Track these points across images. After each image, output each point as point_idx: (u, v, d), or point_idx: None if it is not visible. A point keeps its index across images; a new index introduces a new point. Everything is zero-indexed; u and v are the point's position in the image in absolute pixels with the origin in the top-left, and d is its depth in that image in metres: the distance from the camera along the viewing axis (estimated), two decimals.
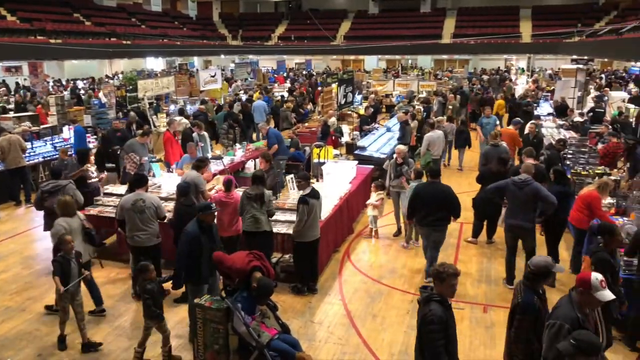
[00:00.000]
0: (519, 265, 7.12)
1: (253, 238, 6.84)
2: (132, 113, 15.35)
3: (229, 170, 10.31)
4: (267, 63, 41.04)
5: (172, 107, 18.11)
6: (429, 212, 7.21)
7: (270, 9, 50.38)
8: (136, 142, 10.27)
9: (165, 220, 7.02)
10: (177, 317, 6.35)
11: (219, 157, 10.76)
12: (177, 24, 43.14)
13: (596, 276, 3.78)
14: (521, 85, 25.38)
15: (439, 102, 18.65)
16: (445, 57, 41.82)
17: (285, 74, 35.19)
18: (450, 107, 17.68)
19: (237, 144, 12.53)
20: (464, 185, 11.49)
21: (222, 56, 42.84)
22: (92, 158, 10.05)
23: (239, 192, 7.48)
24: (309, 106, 20.58)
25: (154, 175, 9.50)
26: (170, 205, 7.61)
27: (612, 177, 8.65)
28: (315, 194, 6.96)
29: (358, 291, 7.17)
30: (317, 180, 9.96)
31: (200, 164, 7.92)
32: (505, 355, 4.44)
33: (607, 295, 3.75)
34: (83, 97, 20.97)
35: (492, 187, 7.33)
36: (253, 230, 6.84)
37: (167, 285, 5.74)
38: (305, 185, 7.02)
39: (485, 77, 28.83)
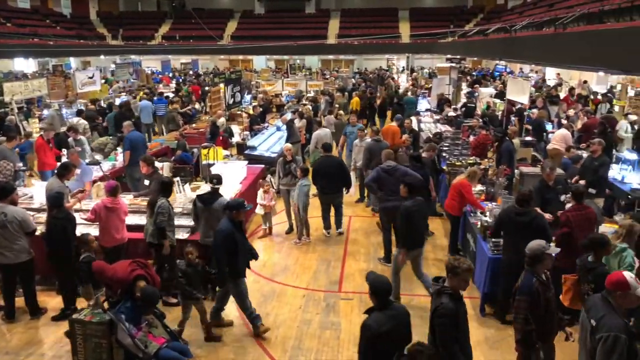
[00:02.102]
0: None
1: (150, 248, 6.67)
2: (10, 117, 14.06)
3: (111, 176, 9.76)
4: (151, 63, 39.41)
5: (45, 112, 16.78)
6: (329, 181, 8.61)
7: (152, 7, 48.38)
8: (5, 148, 9.42)
9: (38, 233, 6.49)
10: (54, 337, 5.90)
11: (97, 163, 10.15)
12: (49, 22, 39.90)
13: (629, 274, 3.74)
14: (403, 84, 26.77)
15: (327, 100, 19.11)
16: (331, 57, 42.84)
17: (171, 74, 34.10)
18: (337, 105, 18.19)
19: (118, 148, 11.89)
20: None
21: (102, 57, 40.39)
22: None
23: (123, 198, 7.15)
24: (197, 106, 20.11)
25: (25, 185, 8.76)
26: (44, 217, 7.04)
27: (482, 166, 9.41)
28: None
29: (251, 291, 7.05)
30: (206, 182, 9.77)
31: (64, 172, 7.25)
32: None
33: None
34: None
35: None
36: (147, 240, 6.62)
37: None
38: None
39: (369, 76, 30.05)
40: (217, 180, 6.96)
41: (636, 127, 12.05)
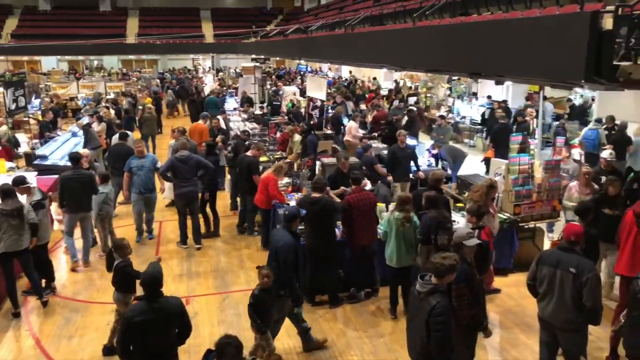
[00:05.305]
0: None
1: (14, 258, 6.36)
2: None
3: None
4: None
5: None
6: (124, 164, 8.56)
7: None
8: None
9: None
10: None
11: None
12: None
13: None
14: (209, 84, 26.61)
15: (129, 102, 18.15)
16: (132, 57, 40.61)
17: None
18: (140, 107, 17.38)
19: None
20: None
21: None
22: None
23: None
24: None
25: None
26: None
27: (287, 160, 9.81)
28: None
29: (49, 315, 6.45)
30: None
31: None
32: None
33: None
34: None
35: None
36: (15, 250, 6.23)
37: None
38: None
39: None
40: (19, 180, 6.75)
41: None
